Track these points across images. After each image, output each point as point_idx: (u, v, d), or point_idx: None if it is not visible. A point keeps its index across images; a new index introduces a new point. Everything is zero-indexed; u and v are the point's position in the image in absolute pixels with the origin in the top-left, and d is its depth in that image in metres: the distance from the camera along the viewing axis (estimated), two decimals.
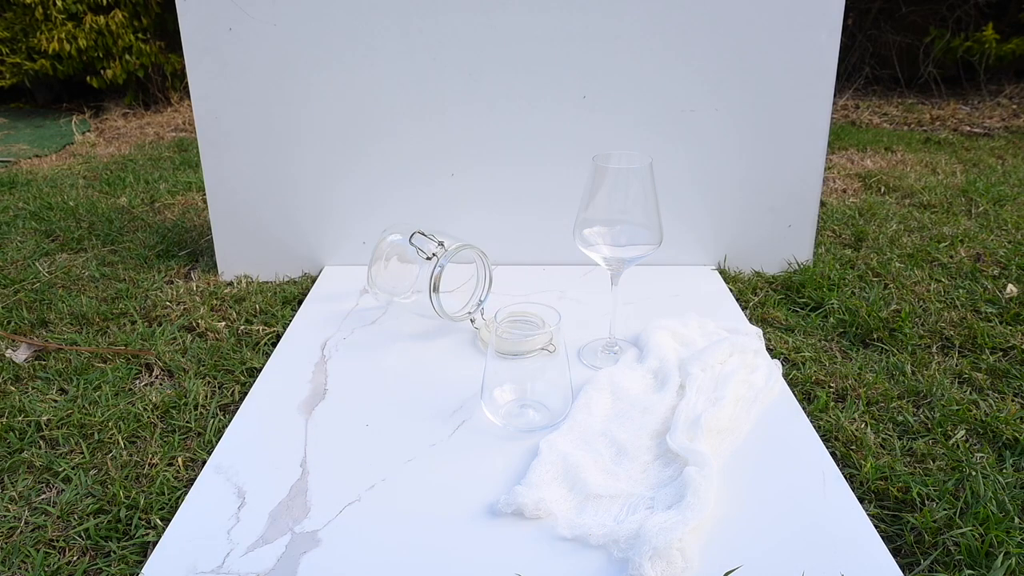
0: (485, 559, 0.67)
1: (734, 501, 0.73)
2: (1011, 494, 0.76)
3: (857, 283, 1.27)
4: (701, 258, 1.34)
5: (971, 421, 0.89)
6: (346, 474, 0.78)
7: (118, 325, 1.15)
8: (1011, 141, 2.41)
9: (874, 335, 1.09)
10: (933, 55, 3.02)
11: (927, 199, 1.73)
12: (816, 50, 1.19)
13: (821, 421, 0.89)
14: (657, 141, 1.25)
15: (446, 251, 1.04)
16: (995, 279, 1.28)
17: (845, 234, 1.52)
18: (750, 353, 0.97)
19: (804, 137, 1.25)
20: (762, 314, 1.16)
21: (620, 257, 0.92)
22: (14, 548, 0.71)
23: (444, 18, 1.18)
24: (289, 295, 1.25)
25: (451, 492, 0.75)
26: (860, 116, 2.83)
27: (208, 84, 1.21)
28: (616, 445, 0.80)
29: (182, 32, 1.19)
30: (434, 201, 1.29)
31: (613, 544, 0.67)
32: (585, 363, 1.00)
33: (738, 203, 1.30)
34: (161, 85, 3.10)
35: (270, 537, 0.70)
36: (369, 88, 1.22)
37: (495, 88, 1.23)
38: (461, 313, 1.09)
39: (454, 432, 0.86)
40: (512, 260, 1.31)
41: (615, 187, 0.88)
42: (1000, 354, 1.05)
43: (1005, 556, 0.67)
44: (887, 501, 0.77)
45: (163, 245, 1.49)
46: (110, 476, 0.80)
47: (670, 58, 1.21)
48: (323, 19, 1.18)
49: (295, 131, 1.25)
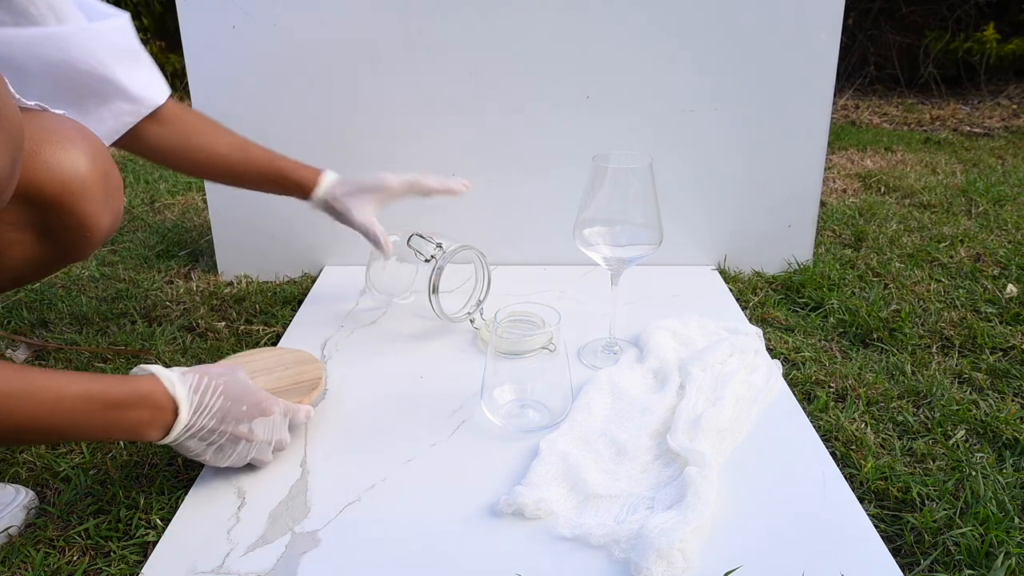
0: (485, 559, 0.67)
1: (734, 501, 0.73)
2: (1011, 494, 0.76)
3: (857, 283, 1.27)
4: (701, 258, 1.34)
5: (971, 421, 0.89)
6: (346, 474, 0.78)
7: (118, 325, 1.15)
8: (1011, 141, 2.41)
9: (874, 335, 1.09)
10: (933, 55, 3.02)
11: (927, 199, 1.73)
12: (816, 50, 1.19)
13: (821, 421, 0.89)
14: (657, 141, 1.25)
15: (444, 253, 1.04)
16: (995, 279, 1.28)
17: (845, 234, 1.52)
18: (750, 353, 0.97)
19: (804, 137, 1.25)
20: (762, 314, 1.16)
21: (620, 257, 0.92)
22: (14, 548, 0.71)
23: (445, 18, 1.18)
24: (289, 295, 1.25)
25: (451, 492, 0.75)
26: (860, 116, 2.83)
27: (208, 84, 1.21)
28: (616, 445, 0.80)
29: (182, 32, 1.19)
30: (434, 201, 1.29)
31: (614, 544, 0.67)
32: (585, 363, 1.00)
33: (738, 203, 1.30)
34: None
35: (270, 537, 0.70)
36: (369, 88, 1.22)
37: (495, 88, 1.23)
38: (460, 314, 1.09)
39: (454, 432, 0.86)
40: (512, 260, 1.31)
41: (615, 187, 0.88)
42: (1000, 354, 1.05)
43: (1005, 556, 0.67)
44: (887, 501, 0.77)
45: (163, 245, 1.49)
46: (110, 476, 0.80)
47: (670, 58, 1.21)
48: (323, 19, 1.18)
49: (295, 131, 1.25)
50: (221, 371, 0.73)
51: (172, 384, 0.69)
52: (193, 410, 0.69)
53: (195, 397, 0.70)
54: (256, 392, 0.75)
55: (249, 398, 0.73)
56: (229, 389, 0.72)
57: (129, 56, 0.86)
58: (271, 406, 0.75)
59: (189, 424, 0.69)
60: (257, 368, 0.88)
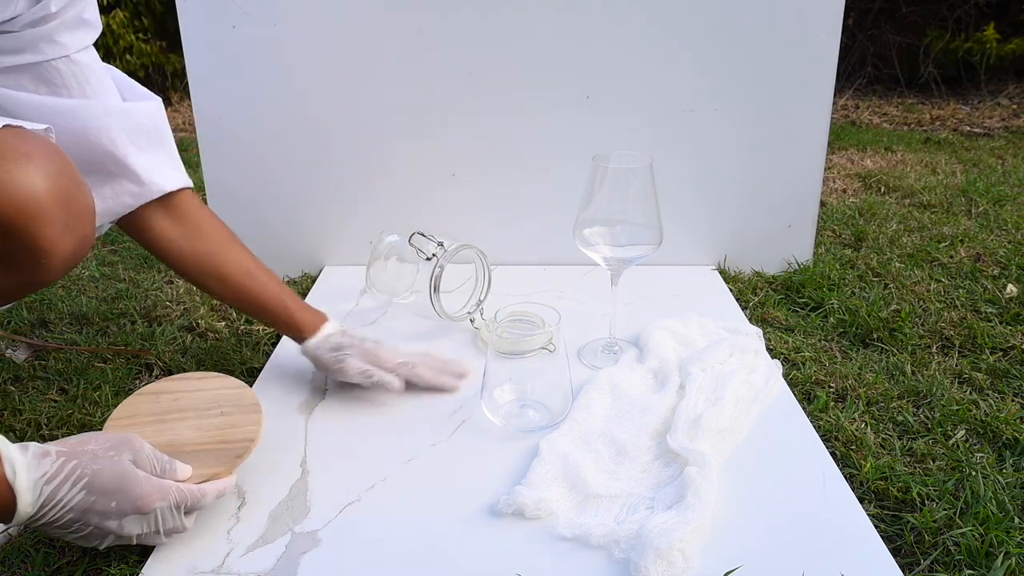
0: (485, 559, 0.67)
1: (734, 501, 0.73)
2: (1011, 494, 0.76)
3: (857, 283, 1.27)
4: (701, 258, 1.34)
5: (971, 421, 0.89)
6: (346, 474, 0.78)
7: (118, 325, 1.15)
8: (1011, 141, 2.41)
9: (874, 335, 1.09)
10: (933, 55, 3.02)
11: (927, 199, 1.73)
12: (816, 50, 1.19)
13: (821, 421, 0.89)
14: (657, 141, 1.25)
15: (445, 251, 1.04)
16: (995, 279, 1.28)
17: (845, 234, 1.52)
18: (750, 353, 0.97)
19: (804, 137, 1.25)
20: (762, 314, 1.16)
21: (620, 257, 0.92)
22: (14, 548, 0.71)
23: (445, 18, 1.18)
24: None
25: (451, 492, 0.75)
26: (860, 116, 2.83)
27: (208, 84, 1.21)
28: (616, 445, 0.80)
29: (182, 32, 1.19)
30: (434, 201, 1.29)
31: (614, 544, 0.67)
32: (585, 363, 1.00)
33: (738, 203, 1.30)
34: (161, 85, 3.10)
35: (270, 537, 0.70)
36: (370, 88, 1.22)
37: (495, 88, 1.23)
38: (461, 313, 1.09)
39: (454, 432, 0.86)
40: (512, 260, 1.31)
41: (615, 187, 0.88)
42: (1000, 354, 1.05)
43: (1005, 556, 0.67)
44: (887, 501, 0.77)
45: None
46: None
47: (670, 58, 1.21)
48: (323, 19, 1.18)
49: (295, 131, 1.25)
50: (100, 452, 0.63)
51: (14, 471, 0.59)
52: (40, 504, 0.59)
53: (47, 488, 0.59)
54: (135, 484, 0.63)
55: (124, 492, 0.62)
56: (97, 481, 0.61)
57: (150, 139, 0.84)
58: (150, 503, 0.64)
59: (35, 517, 0.60)
60: (189, 404, 0.78)
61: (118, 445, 0.64)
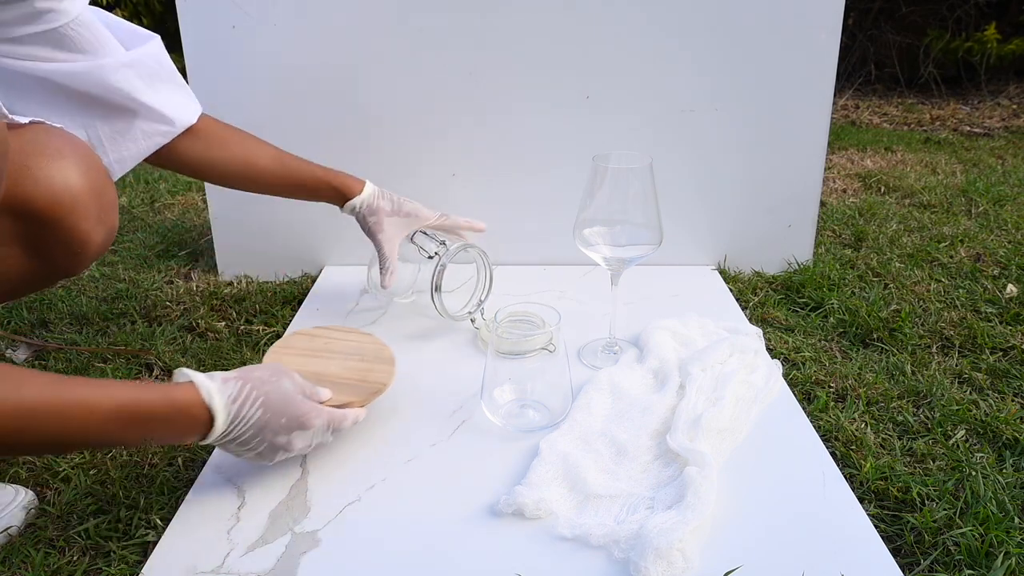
0: (485, 559, 0.67)
1: (734, 501, 0.73)
2: (1011, 494, 0.76)
3: (857, 283, 1.27)
4: (701, 258, 1.34)
5: (971, 421, 0.89)
6: (346, 474, 0.78)
7: (118, 325, 1.15)
8: (1011, 141, 2.41)
9: (874, 335, 1.09)
10: (933, 55, 3.02)
11: (927, 199, 1.73)
12: (816, 50, 1.19)
13: (821, 421, 0.89)
14: (657, 141, 1.25)
15: (447, 251, 1.04)
16: (995, 279, 1.28)
17: (845, 234, 1.52)
18: (750, 353, 0.97)
19: (804, 137, 1.25)
20: (762, 314, 1.16)
21: (620, 257, 0.92)
22: (14, 548, 0.71)
23: (445, 18, 1.18)
24: (289, 295, 1.25)
25: (451, 492, 0.75)
26: (860, 116, 2.83)
27: (208, 84, 1.21)
28: (616, 445, 0.80)
29: (182, 32, 1.19)
30: (435, 201, 1.28)
31: (614, 544, 0.67)
32: (585, 363, 1.00)
33: (738, 203, 1.30)
34: None
35: (270, 537, 0.70)
36: (369, 88, 1.22)
37: (495, 88, 1.23)
38: (461, 313, 1.09)
39: (454, 432, 0.86)
40: (512, 260, 1.31)
41: (615, 187, 0.88)
42: (1000, 354, 1.05)
43: (1005, 556, 0.67)
44: (887, 501, 0.77)
45: (163, 245, 1.49)
46: (110, 476, 0.80)
47: (670, 58, 1.21)
48: (323, 19, 1.18)
49: (295, 131, 1.24)
50: (266, 377, 0.71)
51: (210, 395, 0.67)
52: (230, 420, 0.68)
53: (233, 407, 0.68)
54: (298, 404, 0.72)
55: (290, 410, 0.71)
56: (270, 400, 0.70)
57: (162, 79, 0.89)
58: (312, 420, 0.73)
59: (225, 433, 0.68)
60: (338, 348, 0.88)
61: (277, 372, 0.73)
